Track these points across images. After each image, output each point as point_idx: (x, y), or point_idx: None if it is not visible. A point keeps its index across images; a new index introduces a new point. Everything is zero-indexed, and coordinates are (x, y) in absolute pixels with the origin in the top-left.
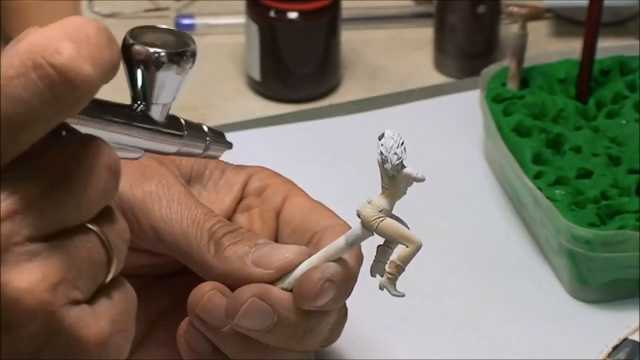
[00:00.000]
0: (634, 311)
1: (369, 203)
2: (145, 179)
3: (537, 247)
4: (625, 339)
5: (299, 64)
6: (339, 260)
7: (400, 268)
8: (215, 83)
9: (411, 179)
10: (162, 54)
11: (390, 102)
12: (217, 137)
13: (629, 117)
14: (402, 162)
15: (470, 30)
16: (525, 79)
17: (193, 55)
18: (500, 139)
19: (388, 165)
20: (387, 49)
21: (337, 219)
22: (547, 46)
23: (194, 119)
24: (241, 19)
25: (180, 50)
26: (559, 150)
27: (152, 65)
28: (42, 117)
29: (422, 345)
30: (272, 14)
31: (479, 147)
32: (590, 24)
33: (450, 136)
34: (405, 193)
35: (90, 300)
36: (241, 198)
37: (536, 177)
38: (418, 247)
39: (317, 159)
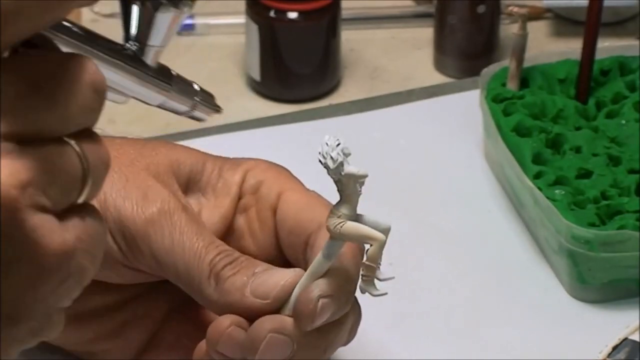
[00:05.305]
0: (633, 311)
1: (330, 212)
2: (146, 203)
3: (537, 247)
4: (625, 339)
5: (299, 64)
6: (332, 269)
7: (371, 268)
8: (215, 83)
9: (356, 177)
10: None
11: (390, 102)
12: (207, 98)
13: (629, 117)
14: (340, 163)
15: (470, 30)
16: (525, 79)
17: None
18: (500, 139)
19: (329, 171)
20: (387, 49)
21: None
22: (547, 46)
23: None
24: (241, 19)
25: None
26: (559, 150)
27: (150, 4)
28: (27, 12)
29: (421, 346)
30: (272, 14)
31: (479, 147)
32: (590, 24)
33: (450, 136)
34: (360, 193)
35: (60, 215)
36: (239, 198)
37: (536, 177)
38: (382, 244)
39: (317, 159)
